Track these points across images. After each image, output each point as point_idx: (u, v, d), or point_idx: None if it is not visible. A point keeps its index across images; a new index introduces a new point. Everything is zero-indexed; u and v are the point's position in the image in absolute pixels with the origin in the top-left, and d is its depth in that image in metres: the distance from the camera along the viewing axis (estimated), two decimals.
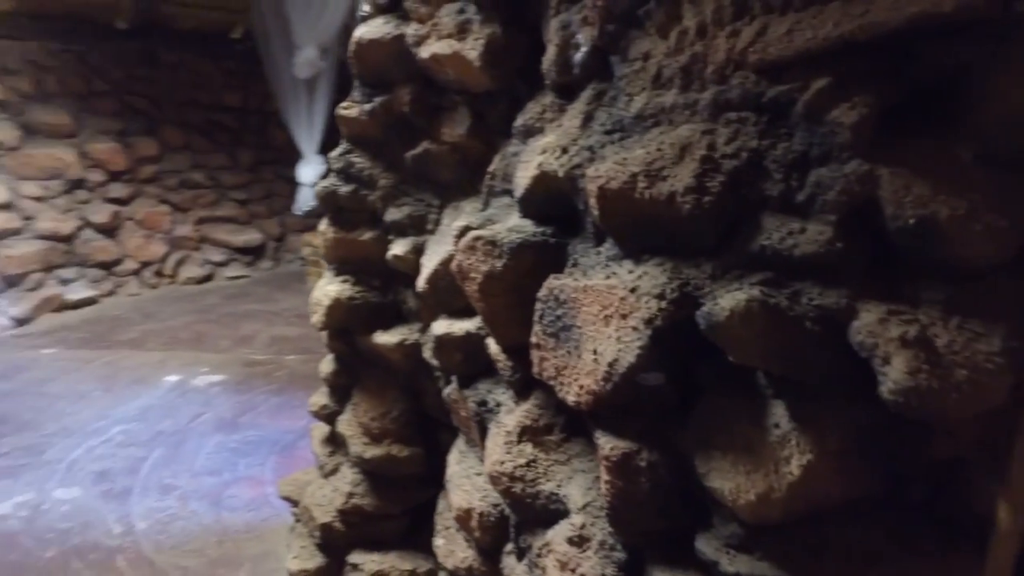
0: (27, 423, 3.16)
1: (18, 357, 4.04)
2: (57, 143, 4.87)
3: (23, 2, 4.86)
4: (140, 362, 3.98)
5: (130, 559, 2.17)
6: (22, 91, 4.71)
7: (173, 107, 5.67)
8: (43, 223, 4.73)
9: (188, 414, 3.25)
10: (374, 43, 1.54)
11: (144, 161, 5.42)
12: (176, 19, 5.76)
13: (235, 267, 6.03)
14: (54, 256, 4.81)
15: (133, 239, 5.32)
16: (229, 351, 4.19)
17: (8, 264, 4.49)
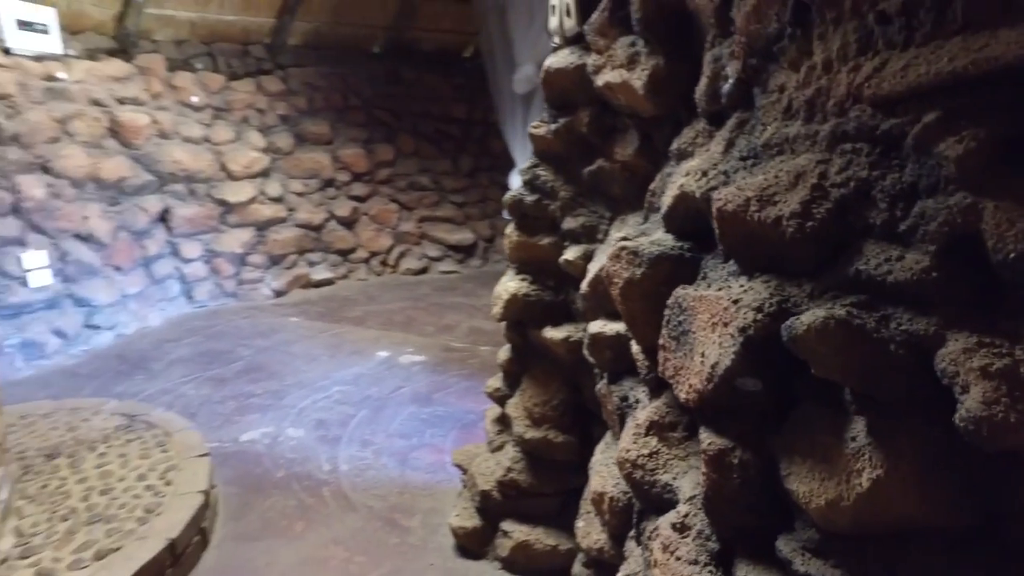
0: (274, 373, 3.84)
1: (274, 321, 4.87)
2: (318, 149, 5.77)
3: (308, 37, 5.83)
4: (360, 337, 4.58)
5: (332, 491, 2.59)
6: (299, 107, 5.65)
7: (409, 118, 6.40)
8: (301, 214, 5.63)
9: (391, 385, 3.72)
10: (560, 71, 1.73)
11: (381, 165, 6.19)
12: (419, 42, 6.51)
13: (448, 263, 6.63)
14: (306, 242, 5.70)
15: (366, 232, 6.10)
16: (432, 336, 4.66)
17: (274, 246, 5.42)
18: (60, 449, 2.55)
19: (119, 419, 2.83)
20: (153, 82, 4.73)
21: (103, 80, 4.41)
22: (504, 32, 5.74)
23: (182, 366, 3.97)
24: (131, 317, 4.57)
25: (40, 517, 2.10)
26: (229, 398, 3.51)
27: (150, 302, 4.77)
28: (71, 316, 4.14)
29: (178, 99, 4.93)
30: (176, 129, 4.85)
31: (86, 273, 4.23)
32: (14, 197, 3.79)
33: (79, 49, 4.45)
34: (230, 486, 2.62)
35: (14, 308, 3.80)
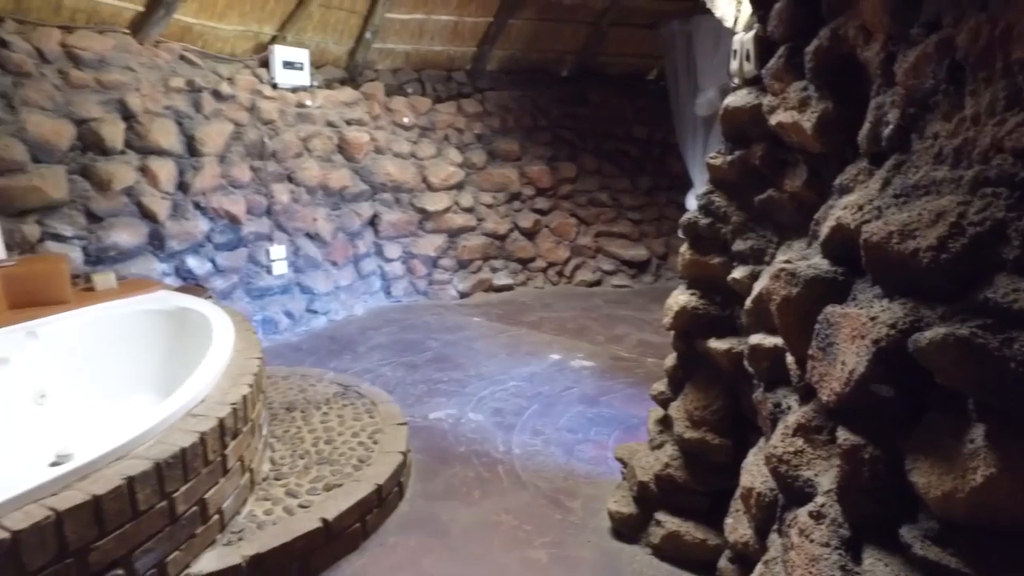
0: (459, 365, 4.31)
1: (459, 319, 5.41)
2: (507, 165, 6.27)
3: (504, 62, 6.38)
4: (535, 340, 4.95)
5: (505, 469, 2.94)
6: (493, 127, 6.20)
7: (592, 138, 6.72)
8: (488, 224, 6.15)
9: (562, 385, 4.02)
10: (738, 109, 1.92)
11: (564, 181, 6.56)
12: (606, 66, 6.82)
13: (620, 277, 6.84)
14: (491, 250, 6.21)
15: (546, 243, 6.50)
16: (602, 345, 4.91)
17: (463, 252, 5.99)
18: (295, 404, 3.15)
19: (336, 387, 3.40)
20: (374, 105, 5.47)
21: (336, 105, 5.21)
22: (688, 58, 5.89)
23: (381, 351, 4.58)
24: (341, 306, 5.31)
25: (285, 453, 2.65)
26: (420, 382, 4.02)
27: (356, 294, 5.51)
28: (297, 301, 4.93)
29: (392, 120, 5.65)
30: (389, 146, 5.56)
31: (311, 266, 5.01)
32: (268, 201, 4.62)
33: (320, 80, 5.29)
34: (420, 454, 3.06)
35: (260, 291, 4.63)
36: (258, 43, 4.86)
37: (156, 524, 1.76)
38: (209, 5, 4.31)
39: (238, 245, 4.46)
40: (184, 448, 1.82)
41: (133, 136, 3.81)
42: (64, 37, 3.65)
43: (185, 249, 4.09)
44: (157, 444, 1.82)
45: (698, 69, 5.60)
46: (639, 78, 7.08)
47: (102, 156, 3.69)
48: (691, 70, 5.86)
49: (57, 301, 3.06)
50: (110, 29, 3.90)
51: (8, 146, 3.29)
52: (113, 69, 3.78)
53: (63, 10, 3.70)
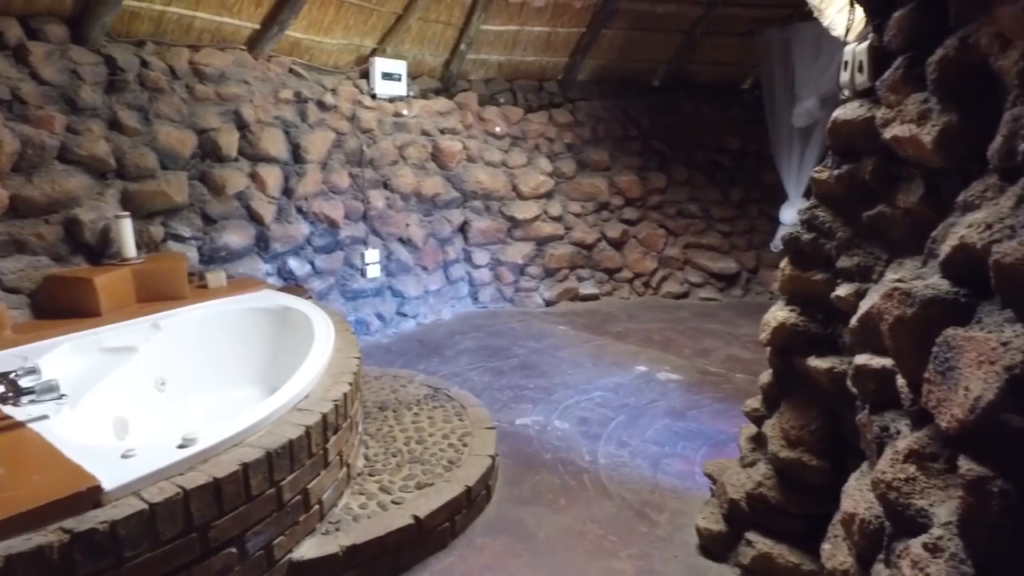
0: (544, 372, 4.34)
1: (544, 327, 5.44)
2: (596, 175, 6.28)
3: (595, 72, 6.40)
4: (620, 351, 4.92)
5: (591, 479, 2.94)
6: (583, 137, 6.22)
7: (683, 148, 6.62)
8: (576, 233, 6.17)
9: (648, 397, 3.98)
10: (848, 122, 1.86)
11: (653, 192, 6.50)
12: (698, 75, 6.71)
13: (708, 290, 6.69)
14: (578, 259, 6.22)
15: (633, 254, 6.44)
16: (689, 358, 4.82)
17: (550, 260, 6.03)
18: (387, 404, 3.26)
19: (427, 389, 3.50)
20: (467, 115, 5.60)
21: (431, 114, 5.37)
22: (786, 67, 5.72)
23: (468, 355, 4.67)
24: (429, 310, 5.45)
25: (378, 450, 2.76)
26: (506, 388, 4.07)
27: (444, 299, 5.64)
28: (388, 304, 5.10)
29: (484, 129, 5.76)
30: (481, 154, 5.67)
31: (402, 270, 5.18)
32: (364, 207, 4.82)
33: (416, 90, 5.46)
34: (507, 459, 3.11)
35: (354, 293, 4.83)
36: (359, 55, 5.08)
37: (265, 509, 1.87)
38: (316, 21, 4.54)
39: (335, 248, 4.67)
40: (292, 440, 1.93)
41: (245, 144, 4.07)
42: (192, 55, 3.95)
43: (287, 251, 4.32)
44: (267, 434, 1.95)
45: (796, 78, 5.42)
46: (732, 87, 6.93)
47: (218, 163, 3.96)
48: (788, 79, 5.69)
49: (177, 296, 3.30)
50: (230, 46, 4.19)
51: (143, 155, 3.58)
52: (231, 83, 4.06)
53: (192, 31, 4.00)
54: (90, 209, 3.33)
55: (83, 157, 3.34)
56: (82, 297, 3.02)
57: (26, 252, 3.15)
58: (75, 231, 3.27)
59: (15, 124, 3.12)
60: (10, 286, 3.06)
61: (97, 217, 3.33)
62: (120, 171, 3.51)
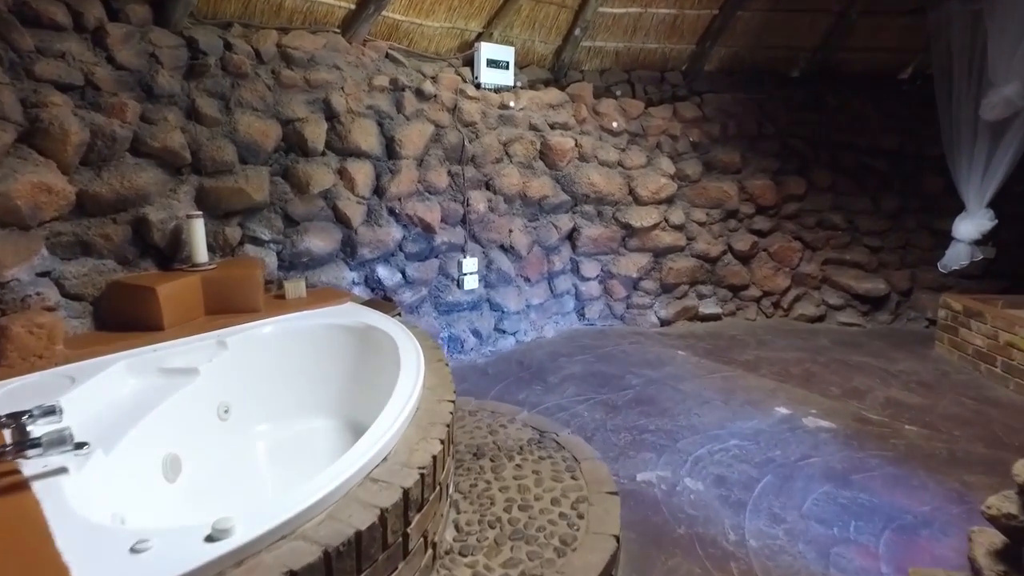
0: (665, 410, 3.69)
1: (661, 351, 4.78)
2: (725, 178, 5.53)
3: (724, 62, 5.66)
4: (753, 385, 4.19)
5: (741, 570, 2.28)
6: (711, 134, 5.49)
7: (827, 149, 5.75)
8: (699, 244, 5.45)
9: (797, 451, 3.25)
10: None
11: (790, 199, 5.68)
12: (846, 64, 5.82)
13: (849, 313, 5.80)
14: (699, 273, 5.50)
15: (762, 269, 5.65)
16: (838, 400, 4.03)
17: (668, 274, 5.35)
18: (484, 450, 2.73)
19: (531, 432, 2.94)
20: (580, 108, 5.02)
21: (540, 107, 4.82)
22: (973, 47, 4.78)
23: (575, 384, 4.08)
24: (530, 326, 4.91)
25: (472, 517, 2.22)
26: (622, 428, 3.45)
27: (547, 314, 5.08)
28: (486, 318, 4.59)
29: (600, 124, 5.16)
30: (594, 153, 5.08)
31: (502, 281, 4.66)
32: (464, 209, 4.33)
33: (524, 80, 4.94)
34: (629, 530, 2.50)
35: (448, 306, 4.35)
36: (463, 40, 4.62)
37: None
38: (417, 2, 4.11)
39: (429, 255, 4.21)
40: (360, 532, 1.41)
41: (334, 137, 3.67)
42: (280, 38, 3.59)
43: (376, 258, 3.89)
44: (328, 520, 1.44)
45: (990, 60, 4.49)
46: (887, 78, 5.99)
47: (303, 157, 3.57)
48: (974, 62, 4.75)
49: (249, 309, 2.91)
50: (322, 28, 3.81)
51: (221, 147, 3.23)
52: (321, 68, 3.67)
53: (283, 11, 3.65)
54: (160, 207, 3.00)
55: (156, 149, 3.00)
56: (144, 308, 2.67)
57: (92, 254, 2.84)
58: (144, 231, 2.94)
59: (86, 112, 2.82)
60: (73, 292, 2.75)
61: (168, 216, 2.99)
62: (195, 165, 3.17)
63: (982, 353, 4.65)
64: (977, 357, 4.70)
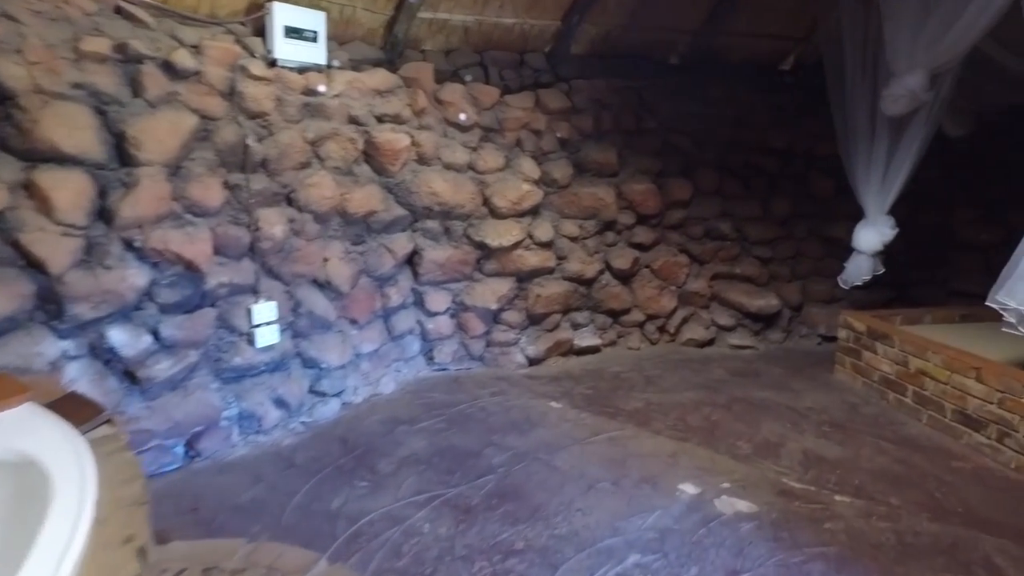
0: (537, 510, 2.72)
1: (530, 404, 3.84)
2: (600, 182, 4.67)
3: (596, 43, 4.82)
4: (648, 449, 3.35)
5: None
6: (583, 129, 4.62)
7: (713, 147, 5.08)
8: (572, 264, 4.56)
9: (720, 566, 2.40)
10: None
11: (674, 205, 4.94)
12: (729, 50, 5.18)
13: (741, 334, 5.19)
14: (573, 298, 4.63)
15: (646, 289, 4.89)
16: (751, 461, 3.28)
17: (536, 302, 4.42)
18: None
19: None
20: (418, 96, 3.96)
21: (364, 94, 3.72)
22: (867, 31, 4.22)
23: (416, 472, 3.03)
24: (362, 381, 3.81)
25: None
26: (477, 552, 2.44)
27: (384, 362, 4.00)
28: (296, 380, 3.44)
29: (444, 117, 4.14)
30: (438, 153, 4.04)
31: (319, 328, 3.53)
32: (252, 236, 3.14)
33: (343, 60, 3.82)
34: None
35: (236, 371, 3.15)
36: (251, 1, 3.42)
37: None
38: None
39: (200, 304, 2.99)
40: None
41: (10, 131, 2.38)
42: None
43: (105, 316, 2.62)
44: None
45: (888, 46, 3.91)
46: (773, 67, 5.43)
47: None
48: (869, 49, 4.19)
49: None
50: None
51: None
52: None
53: None
54: None
55: None
56: None
57: None
58: None
59: None
60: None
61: None
62: None
63: (890, 381, 4.13)
64: (884, 385, 4.18)
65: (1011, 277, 3.35)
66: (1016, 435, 3.39)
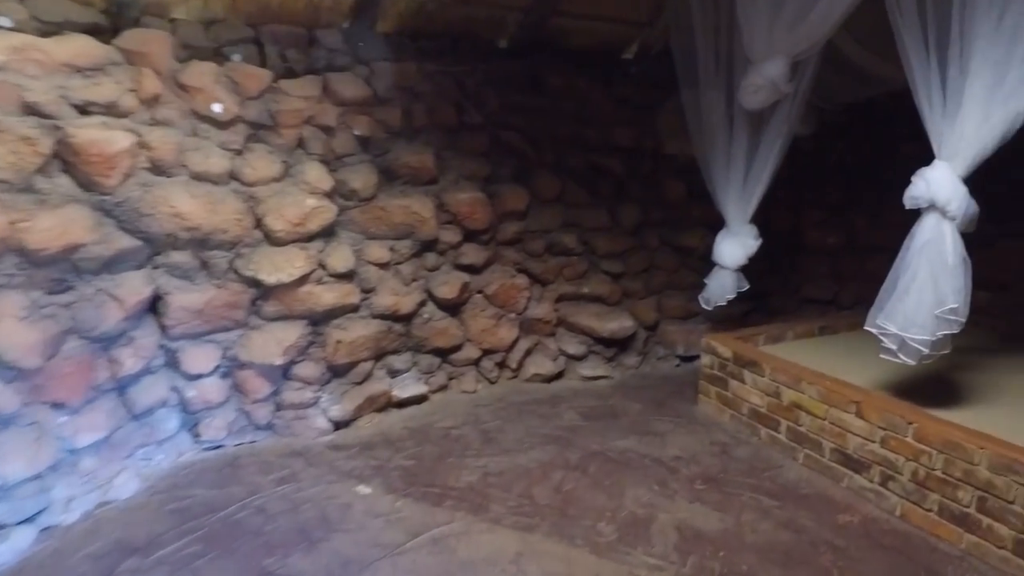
0: None
1: (329, 497, 2.89)
2: (414, 192, 3.78)
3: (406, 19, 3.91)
4: (485, 553, 2.54)
5: None
6: (389, 124, 3.69)
7: (551, 146, 4.38)
8: (383, 297, 3.64)
9: None
10: None
11: (508, 217, 4.17)
12: (565, 34, 4.50)
13: (593, 363, 4.56)
14: (388, 339, 3.72)
15: (479, 319, 4.09)
16: (616, 553, 2.58)
17: (337, 350, 3.45)
18: None
19: None
20: (147, 79, 2.86)
21: (48, 71, 2.57)
22: (717, 13, 3.70)
23: None
24: (82, 487, 2.70)
25: None
26: None
27: (122, 453, 2.89)
28: None
29: (192, 108, 3.06)
30: (181, 159, 2.97)
31: None
32: None
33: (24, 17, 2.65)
34: None
35: None
36: None
37: None
38: None
39: None
40: None
41: None
42: None
43: None
44: None
45: (746, 31, 3.38)
46: (614, 55, 4.83)
47: None
48: (724, 35, 3.67)
49: None
50: None
51: None
52: None
53: None
54: None
55: None
56: None
57: None
58: None
59: None
60: None
61: None
62: None
63: (761, 415, 3.65)
64: (755, 419, 3.69)
65: (890, 299, 2.94)
66: (900, 478, 2.97)
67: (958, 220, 2.74)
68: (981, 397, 3.27)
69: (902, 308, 2.86)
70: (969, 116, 2.67)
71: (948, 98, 2.74)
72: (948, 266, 2.76)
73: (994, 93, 2.62)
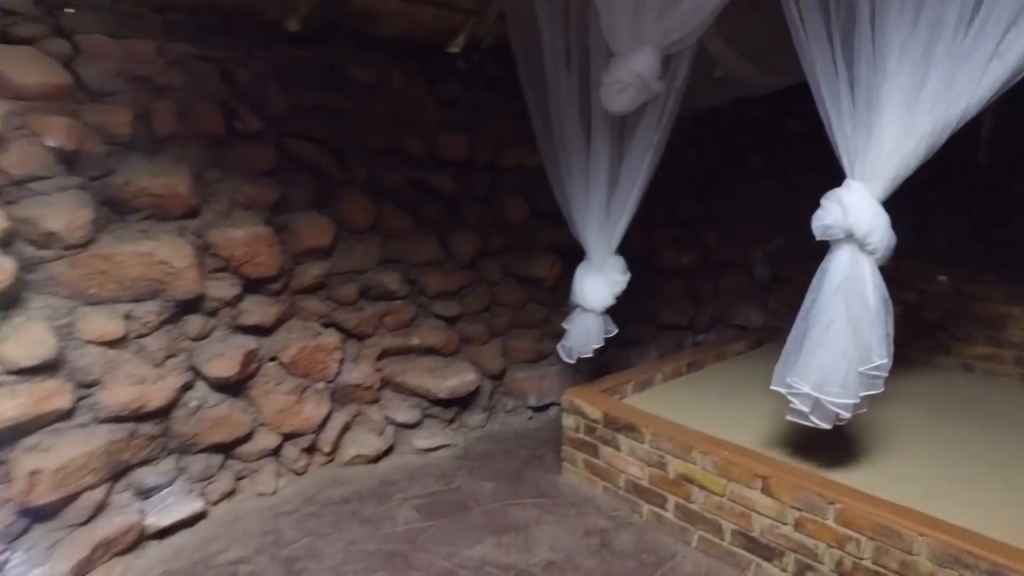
0: None
1: None
2: (160, 230, 2.65)
3: None
4: None
5: None
6: (111, 132, 2.52)
7: (361, 159, 3.43)
8: (114, 392, 2.47)
9: None
10: None
11: (306, 256, 3.15)
12: (374, 19, 3.57)
13: (430, 429, 3.70)
14: (130, 449, 2.55)
15: (273, 396, 3.04)
16: None
17: (35, 486, 2.25)
18: None
19: None
20: None
21: None
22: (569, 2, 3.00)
23: None
24: None
25: None
26: None
27: None
28: None
29: None
30: None
31: None
32: None
33: None
34: None
35: None
36: None
37: None
38: None
39: None
40: None
41: None
42: None
43: None
44: None
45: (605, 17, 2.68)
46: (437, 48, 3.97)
47: None
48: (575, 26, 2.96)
49: None
50: None
51: None
52: None
53: None
54: None
55: None
56: None
57: None
58: None
59: None
60: None
61: None
62: None
63: (642, 488, 2.99)
64: (635, 493, 3.05)
65: (800, 351, 2.39)
66: (821, 568, 2.43)
67: (879, 254, 2.25)
68: (913, 456, 2.85)
69: (816, 363, 2.37)
70: (888, 126, 2.17)
71: (858, 103, 2.24)
72: (869, 308, 2.26)
73: (917, 97, 2.12)
